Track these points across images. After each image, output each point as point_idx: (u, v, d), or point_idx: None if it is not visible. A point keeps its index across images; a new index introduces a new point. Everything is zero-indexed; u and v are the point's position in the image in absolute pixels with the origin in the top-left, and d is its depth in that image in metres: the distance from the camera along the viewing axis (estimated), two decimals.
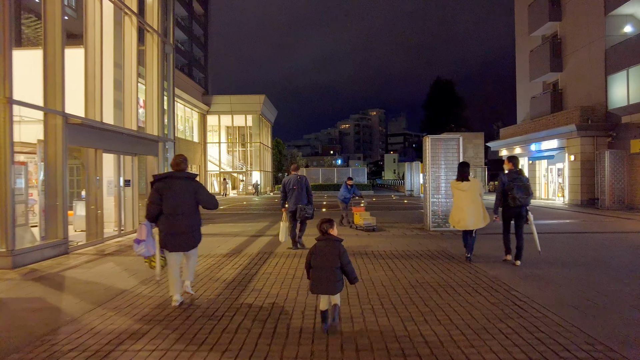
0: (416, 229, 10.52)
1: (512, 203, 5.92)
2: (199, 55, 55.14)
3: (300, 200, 7.44)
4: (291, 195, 7.47)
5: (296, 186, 7.44)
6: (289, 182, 7.52)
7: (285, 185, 7.57)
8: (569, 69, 22.01)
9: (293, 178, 7.54)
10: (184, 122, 31.57)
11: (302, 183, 7.50)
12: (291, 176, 7.61)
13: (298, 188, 7.43)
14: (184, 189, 4.27)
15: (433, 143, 10.31)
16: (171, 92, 13.43)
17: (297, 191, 7.42)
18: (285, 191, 7.55)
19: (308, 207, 7.49)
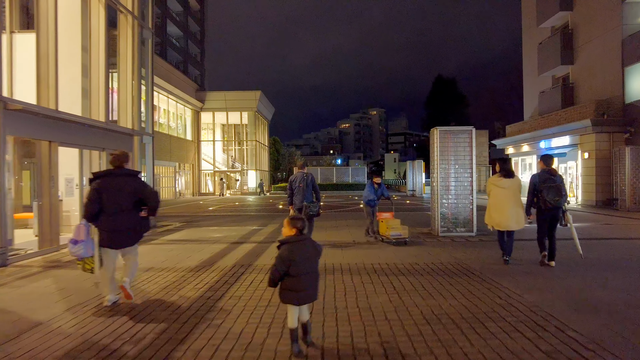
0: (422, 234, 9.23)
1: (543, 205, 5.62)
2: (194, 52, 53.88)
3: (307, 198, 7.40)
4: (298, 193, 7.44)
5: (302, 184, 7.42)
6: (295, 180, 7.50)
7: (291, 183, 7.54)
8: (581, 61, 20.72)
9: (299, 175, 7.51)
10: (176, 119, 30.29)
11: (308, 181, 7.49)
12: (297, 174, 7.59)
13: (304, 185, 7.41)
14: (125, 187, 4.19)
15: (442, 136, 9.02)
16: (150, 81, 12.16)
17: (303, 189, 7.40)
18: (292, 189, 7.52)
19: (313, 204, 7.43)
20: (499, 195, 5.92)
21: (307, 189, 7.45)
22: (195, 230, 10.45)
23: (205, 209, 17.89)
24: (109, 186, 4.13)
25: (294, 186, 7.50)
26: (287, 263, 2.91)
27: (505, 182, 5.92)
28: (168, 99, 28.47)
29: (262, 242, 8.28)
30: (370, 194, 8.58)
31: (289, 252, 2.94)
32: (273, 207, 18.06)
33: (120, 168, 4.27)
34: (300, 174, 7.55)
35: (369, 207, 8.66)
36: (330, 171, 38.25)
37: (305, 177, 7.51)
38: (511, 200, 5.84)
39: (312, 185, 7.57)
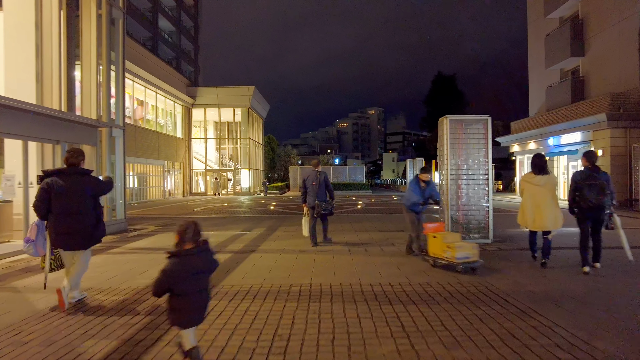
0: None
1: (584, 204, 5.29)
2: (188, 49, 52.56)
3: (319, 196, 7.40)
4: (311, 191, 7.45)
5: (315, 182, 7.43)
6: (309, 178, 7.52)
7: (305, 181, 7.57)
8: (593, 52, 19.46)
9: (312, 174, 7.55)
10: (165, 115, 28.90)
11: (321, 179, 7.48)
12: (311, 172, 7.62)
13: (317, 184, 7.41)
14: (76, 187, 4.02)
15: (453, 126, 7.70)
16: (120, 67, 10.81)
17: (316, 187, 7.41)
18: (305, 187, 7.53)
19: (326, 203, 7.46)
20: (534, 193, 5.61)
21: (320, 188, 7.43)
22: (168, 236, 9.11)
23: (190, 210, 16.55)
24: (58, 186, 3.93)
25: (307, 184, 7.49)
26: (169, 280, 2.51)
27: (540, 179, 5.61)
28: (156, 94, 27.08)
29: (239, 252, 6.95)
30: (414, 195, 6.39)
31: (174, 266, 2.53)
32: (264, 209, 16.73)
33: (73, 166, 4.08)
34: (313, 173, 7.55)
35: (414, 213, 6.51)
36: (328, 170, 36.91)
37: (319, 176, 7.49)
38: (547, 199, 5.53)
39: (326, 184, 7.54)
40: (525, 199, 5.79)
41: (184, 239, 2.59)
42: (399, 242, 7.74)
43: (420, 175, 6.50)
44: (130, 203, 22.22)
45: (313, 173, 7.56)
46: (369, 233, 9.03)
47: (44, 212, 3.96)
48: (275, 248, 7.28)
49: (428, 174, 6.53)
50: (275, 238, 8.52)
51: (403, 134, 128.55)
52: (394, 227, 10.18)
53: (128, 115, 23.64)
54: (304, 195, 7.56)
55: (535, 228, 5.66)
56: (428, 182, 6.53)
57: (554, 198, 5.62)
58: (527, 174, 5.86)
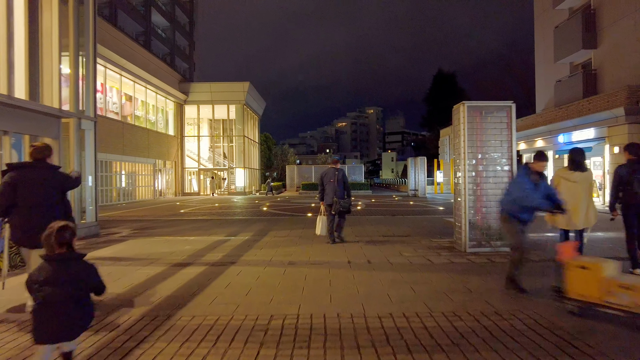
0: (443, 248, 6.77)
1: (632, 199, 4.97)
2: (183, 45, 51.36)
3: (337, 194, 7.35)
4: (328, 189, 7.41)
5: (333, 179, 7.37)
6: (326, 176, 7.48)
7: (322, 179, 7.53)
8: (606, 44, 18.35)
9: (330, 171, 7.50)
10: (155, 112, 27.67)
11: (339, 176, 7.43)
12: (328, 169, 7.58)
13: (335, 181, 7.36)
14: (43, 181, 3.79)
15: (471, 114, 6.55)
16: (90, 52, 9.59)
17: (334, 184, 7.35)
18: (323, 184, 7.49)
19: (344, 200, 7.37)
20: (570, 190, 5.16)
21: (338, 185, 7.36)
22: (141, 242, 7.93)
23: (177, 211, 15.35)
24: (22, 180, 3.73)
25: (324, 181, 7.45)
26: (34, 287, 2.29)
27: (577, 175, 5.15)
28: (146, 89, 25.87)
29: (216, 264, 5.77)
30: (531, 195, 4.14)
31: (38, 273, 2.31)
32: (256, 210, 15.55)
33: (40, 160, 3.86)
34: (331, 170, 7.49)
35: (518, 223, 4.30)
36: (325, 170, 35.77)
37: (337, 173, 7.41)
38: (583, 196, 5.12)
39: (344, 182, 7.47)
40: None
41: (45, 243, 2.40)
42: (407, 251, 6.58)
43: (534, 165, 4.32)
44: (117, 203, 21.03)
45: (331, 170, 7.49)
46: (372, 239, 7.87)
47: (5, 207, 3.71)
48: (260, 259, 6.11)
49: (545, 162, 4.39)
50: (263, 245, 7.35)
51: (402, 134, 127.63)
52: (398, 231, 9.01)
53: (115, 111, 22.45)
54: (322, 192, 7.50)
55: (569, 227, 5.26)
56: (542, 176, 4.36)
57: (590, 195, 5.25)
58: (563, 169, 5.41)
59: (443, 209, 14.80)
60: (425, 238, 7.95)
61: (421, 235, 8.32)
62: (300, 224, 10.53)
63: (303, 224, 10.62)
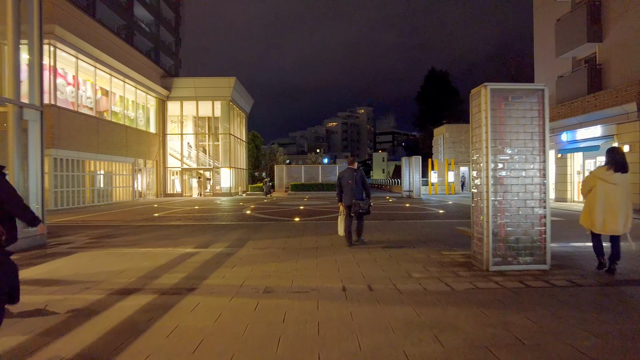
0: (459, 265, 5.47)
1: None
2: (168, 40, 49.59)
3: (356, 195, 7.10)
4: (347, 190, 7.17)
5: (351, 180, 7.12)
6: (344, 177, 7.23)
7: (340, 180, 7.30)
8: (612, 37, 17.31)
9: (348, 172, 7.23)
10: (135, 108, 26.03)
11: (357, 177, 7.17)
12: (346, 170, 7.30)
13: (353, 182, 7.10)
14: None
15: (495, 99, 5.26)
16: (35, 31, 8.10)
17: (352, 185, 7.10)
18: (341, 186, 7.26)
19: (363, 202, 7.09)
20: (609, 192, 4.92)
21: (357, 186, 7.16)
22: (89, 257, 6.49)
23: (150, 215, 13.86)
24: None
25: (342, 182, 7.25)
26: None
27: (617, 177, 4.91)
28: (125, 83, 24.24)
29: (169, 291, 4.38)
30: None
31: None
32: (239, 214, 14.14)
33: None
34: (349, 170, 7.26)
35: None
36: (316, 170, 34.37)
37: (355, 174, 7.20)
38: (622, 199, 4.89)
39: (362, 182, 7.26)
40: (595, 198, 5.05)
41: None
42: (416, 270, 5.27)
43: None
44: (91, 205, 19.41)
45: (349, 171, 7.24)
46: (371, 254, 6.54)
47: None
48: (228, 283, 4.74)
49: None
50: (237, 261, 5.97)
51: (393, 134, 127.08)
52: (400, 239, 7.70)
53: (89, 106, 20.82)
54: (340, 194, 7.32)
55: (606, 232, 4.97)
56: None
57: (629, 198, 4.97)
58: (600, 169, 5.12)
59: (443, 212, 13.56)
60: (432, 250, 6.65)
61: (427, 246, 7.03)
62: (285, 231, 9.17)
63: (288, 231, 9.26)
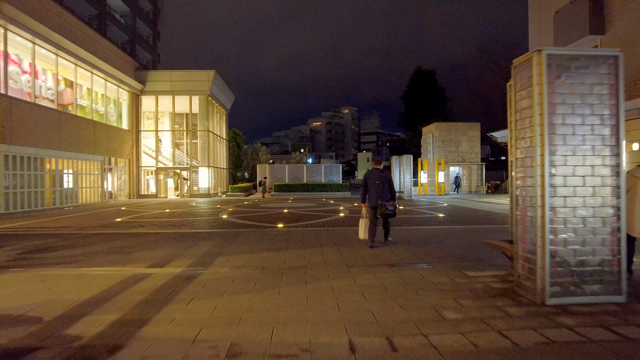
0: (497, 295, 4.01)
1: None
2: (146, 34, 47.31)
3: (382, 196, 6.88)
4: (373, 191, 6.93)
5: (378, 181, 6.91)
6: (371, 177, 7.00)
7: (366, 180, 7.05)
8: (616, 29, 16.34)
9: (375, 172, 7.03)
10: (105, 102, 23.98)
11: (384, 178, 6.98)
12: (373, 170, 7.10)
13: (380, 183, 6.90)
14: None
15: (552, 70, 3.84)
16: None
17: (379, 186, 6.88)
18: (367, 185, 7.02)
19: (390, 203, 6.88)
20: None
21: (384, 187, 6.92)
22: (17, 277, 4.81)
23: (111, 220, 12.06)
24: None
25: (368, 183, 6.98)
26: None
27: None
28: (92, 74, 22.19)
29: (74, 356, 2.79)
30: None
31: None
32: (214, 218, 12.47)
33: None
34: (376, 171, 7.03)
35: None
36: (300, 170, 32.78)
37: (382, 175, 6.98)
38: None
39: (389, 183, 7.01)
40: (634, 199, 4.54)
41: None
42: (448, 305, 3.79)
43: None
44: (53, 208, 17.41)
45: (376, 171, 7.05)
46: (377, 276, 5.05)
47: None
48: (176, 335, 3.15)
49: None
50: (197, 291, 4.39)
51: (377, 134, 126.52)
52: (407, 254, 6.23)
53: (50, 98, 18.76)
54: (364, 194, 7.07)
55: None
56: None
57: None
58: (638, 168, 4.64)
59: (444, 217, 12.20)
60: (452, 268, 5.21)
61: (443, 262, 5.58)
62: (265, 242, 7.59)
63: (270, 241, 7.70)
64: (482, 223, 10.53)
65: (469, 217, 12.12)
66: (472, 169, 30.48)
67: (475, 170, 30.52)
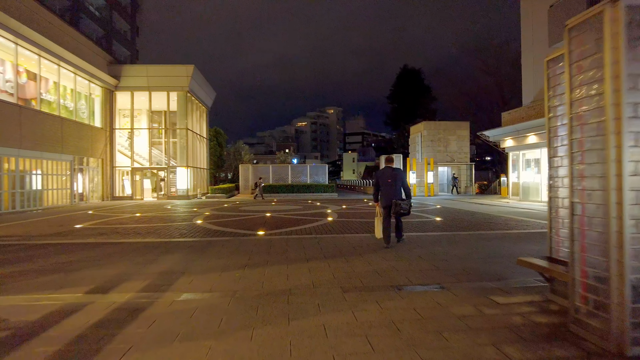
0: (546, 335, 2.92)
1: None
2: (124, 29, 45.31)
3: (396, 195, 6.73)
4: (386, 190, 6.80)
5: (391, 179, 6.78)
6: (384, 176, 6.86)
7: (378, 179, 6.95)
8: None
9: (388, 171, 6.87)
10: (75, 98, 22.31)
11: (397, 176, 6.82)
12: (385, 169, 6.94)
13: (393, 181, 6.76)
14: None
15: (635, 28, 2.77)
16: None
17: (392, 185, 6.75)
18: (379, 185, 6.93)
19: (404, 201, 6.69)
20: None
21: (397, 185, 6.77)
22: None
23: (70, 226, 10.65)
24: None
25: (381, 182, 6.88)
26: None
27: None
28: (59, 67, 20.53)
29: None
30: None
31: None
32: (186, 224, 11.18)
33: None
34: (387, 169, 6.90)
35: None
36: (285, 170, 31.54)
37: (395, 173, 6.82)
38: None
39: (402, 182, 6.84)
40: None
41: None
42: (486, 357, 2.68)
43: None
44: (12, 212, 15.78)
45: (388, 170, 6.87)
46: (382, 308, 3.92)
47: None
48: None
49: None
50: (139, 336, 3.18)
51: (362, 135, 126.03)
52: (412, 267, 5.13)
53: (8, 91, 17.09)
54: (376, 193, 7.00)
55: None
56: None
57: None
58: None
59: (442, 221, 11.19)
60: (474, 293, 4.12)
61: (460, 284, 4.49)
62: (241, 256, 6.38)
63: (246, 254, 6.49)
64: (485, 228, 9.53)
65: (468, 221, 11.13)
66: (461, 169, 29.74)
67: (465, 171, 29.79)
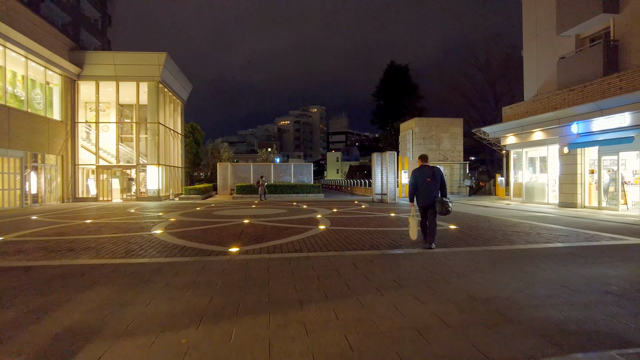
0: None
1: None
2: (94, 16, 42.23)
3: (436, 194, 6.53)
4: (423, 189, 6.56)
5: (430, 178, 6.52)
6: (422, 174, 6.59)
7: (416, 177, 6.67)
8: (633, 7, 14.20)
9: (425, 170, 6.63)
10: (27, 86, 19.63)
11: (437, 175, 6.55)
12: (423, 167, 6.69)
13: (432, 180, 6.51)
14: None
15: None
16: None
17: (431, 184, 6.49)
18: (416, 184, 6.66)
19: (444, 202, 6.42)
20: None
21: (435, 185, 6.50)
22: None
23: None
24: None
25: (419, 180, 6.61)
26: None
27: None
28: (5, 49, 17.89)
29: None
30: None
31: None
32: (137, 236, 8.99)
33: None
34: (427, 167, 6.67)
35: None
36: (267, 169, 29.36)
37: (434, 172, 6.55)
38: None
39: (441, 180, 6.58)
40: None
41: None
42: None
43: None
44: None
45: (426, 168, 6.63)
46: None
47: None
48: None
49: None
50: None
51: (346, 134, 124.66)
52: (437, 311, 3.20)
53: None
54: (413, 193, 6.71)
55: None
56: None
57: None
58: None
59: (457, 229, 9.32)
60: None
61: (558, 347, 2.56)
62: (200, 292, 4.29)
63: (209, 290, 4.40)
64: (517, 241, 7.62)
65: (488, 229, 9.28)
66: (454, 168, 28.17)
67: (458, 170, 28.23)
